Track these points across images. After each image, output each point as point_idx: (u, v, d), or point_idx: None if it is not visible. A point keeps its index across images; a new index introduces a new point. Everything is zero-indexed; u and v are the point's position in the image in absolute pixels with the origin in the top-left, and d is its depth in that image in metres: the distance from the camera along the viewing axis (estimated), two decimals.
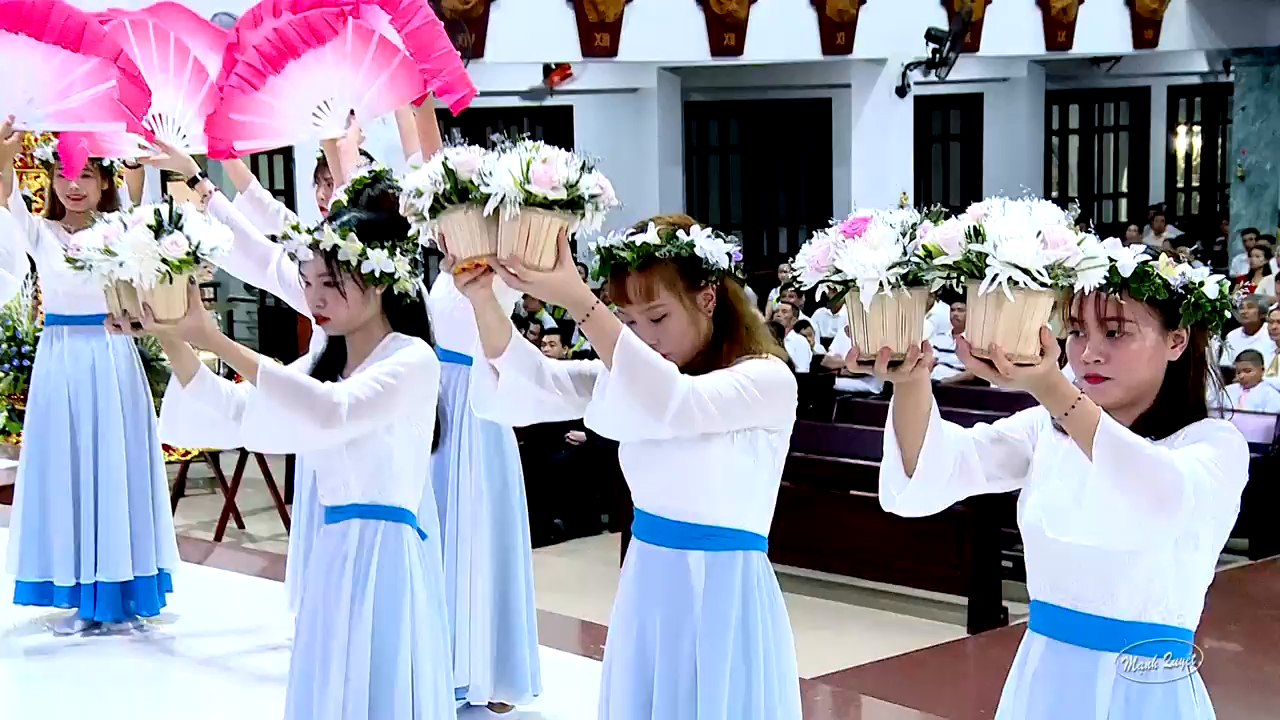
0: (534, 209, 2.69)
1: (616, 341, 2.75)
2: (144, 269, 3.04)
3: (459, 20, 12.86)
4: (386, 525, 3.35)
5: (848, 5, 15.47)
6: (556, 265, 2.73)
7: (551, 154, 2.73)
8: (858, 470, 9.59)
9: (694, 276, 2.95)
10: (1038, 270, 2.28)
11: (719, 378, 2.87)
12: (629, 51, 14.27)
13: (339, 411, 3.14)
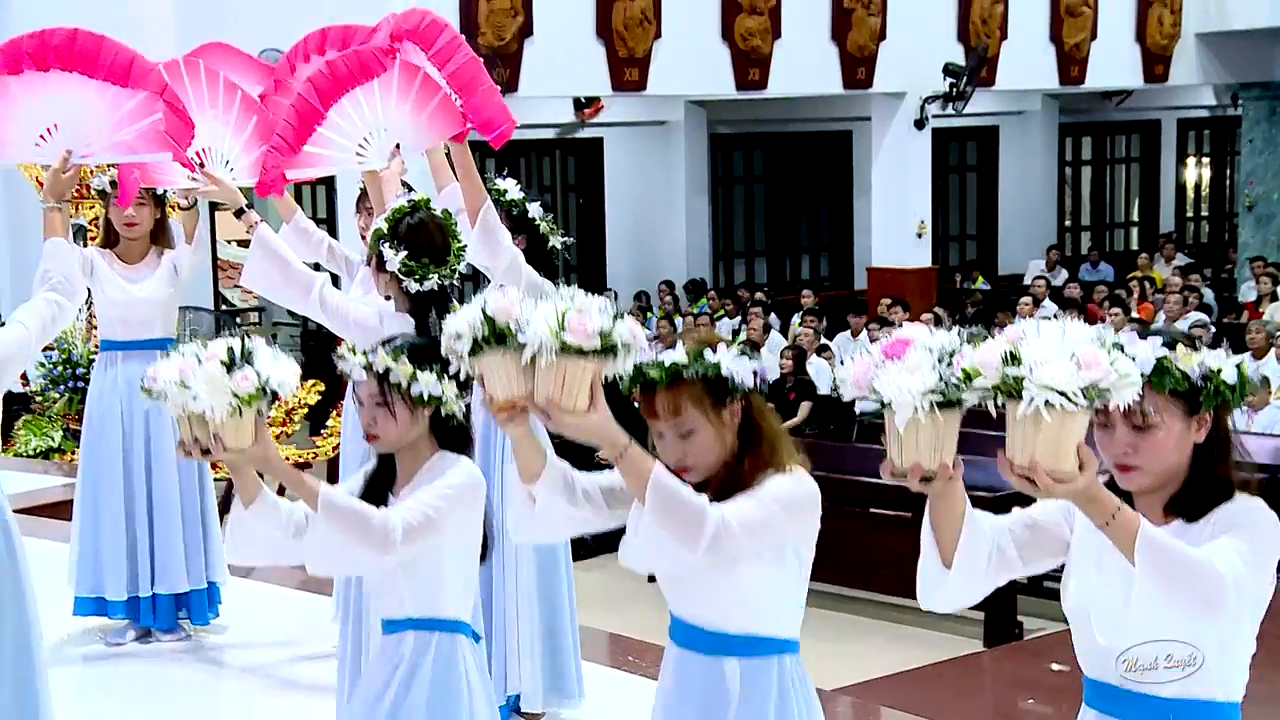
0: (569, 355, 2.73)
1: (649, 481, 2.79)
2: (216, 403, 3.08)
3: (494, 55, 12.92)
4: (441, 636, 3.38)
5: (868, 41, 15.48)
6: (591, 408, 2.77)
7: (585, 303, 2.76)
8: (876, 489, 9.57)
9: (720, 394, 2.95)
10: (1073, 392, 2.32)
11: (746, 503, 2.88)
12: (657, 86, 14.30)
13: (393, 538, 3.19)
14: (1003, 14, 16.57)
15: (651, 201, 18.33)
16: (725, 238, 19.55)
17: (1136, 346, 2.51)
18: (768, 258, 20.00)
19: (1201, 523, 2.56)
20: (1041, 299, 15.45)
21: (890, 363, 2.48)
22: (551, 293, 2.85)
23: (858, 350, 7.97)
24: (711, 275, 18.60)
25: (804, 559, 3.02)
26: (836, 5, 15.35)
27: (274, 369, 3.16)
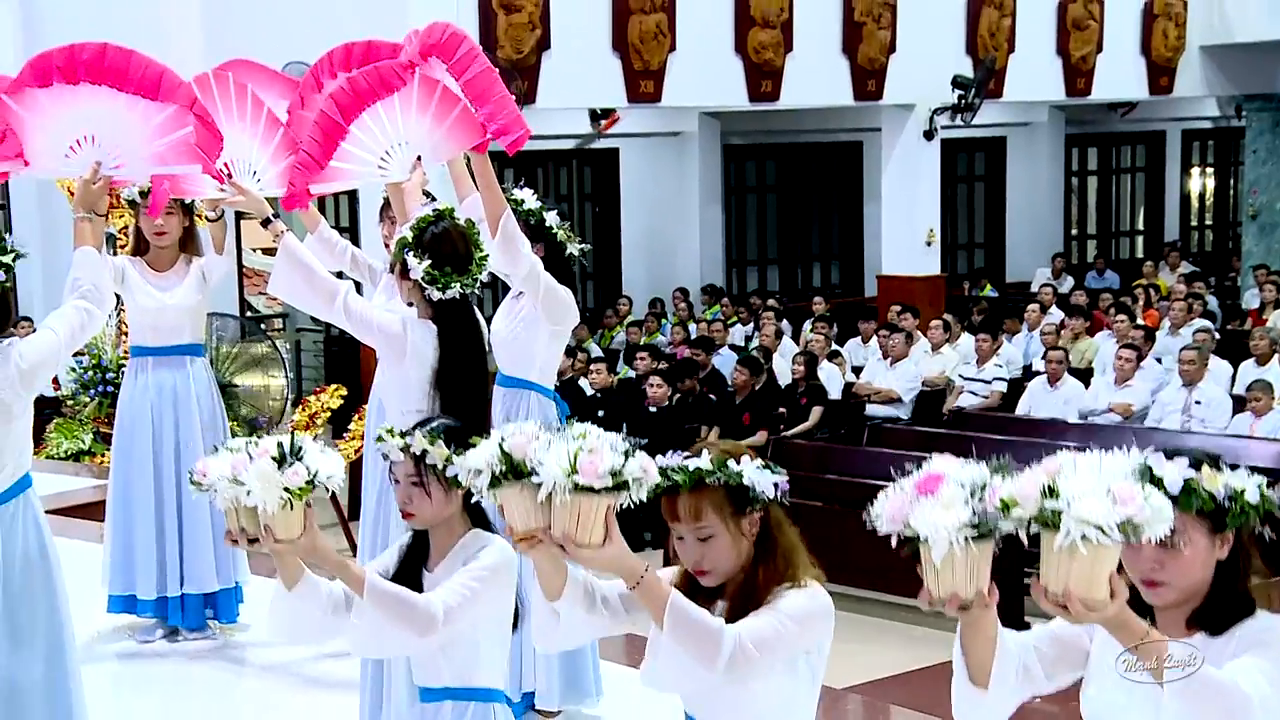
0: (582, 494, 2.78)
1: (666, 607, 2.82)
2: (268, 497, 3.12)
3: (513, 68, 12.95)
4: (476, 705, 3.41)
5: (878, 54, 15.48)
6: (606, 541, 2.82)
7: (597, 443, 2.81)
8: None
9: (741, 504, 2.97)
10: (1109, 527, 2.36)
11: (761, 621, 2.91)
12: (672, 97, 14.31)
13: (436, 622, 3.23)
14: (1010, 27, 16.56)
15: (666, 210, 18.34)
16: (738, 246, 19.55)
17: (1165, 468, 2.57)
18: (780, 265, 20.00)
19: (1225, 638, 2.62)
20: (1048, 306, 15.42)
21: (924, 499, 2.53)
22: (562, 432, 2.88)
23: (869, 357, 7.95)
24: (725, 282, 18.61)
25: (815, 668, 3.04)
26: (847, 19, 15.35)
27: (322, 462, 3.19)
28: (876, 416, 12.39)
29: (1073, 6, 17.06)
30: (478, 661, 3.39)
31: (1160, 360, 12.49)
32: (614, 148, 18.08)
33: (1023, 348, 14.19)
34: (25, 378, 4.12)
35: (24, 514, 4.22)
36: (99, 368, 10.10)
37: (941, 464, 2.55)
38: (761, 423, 11.52)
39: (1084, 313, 14.52)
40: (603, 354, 14.27)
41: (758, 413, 11.63)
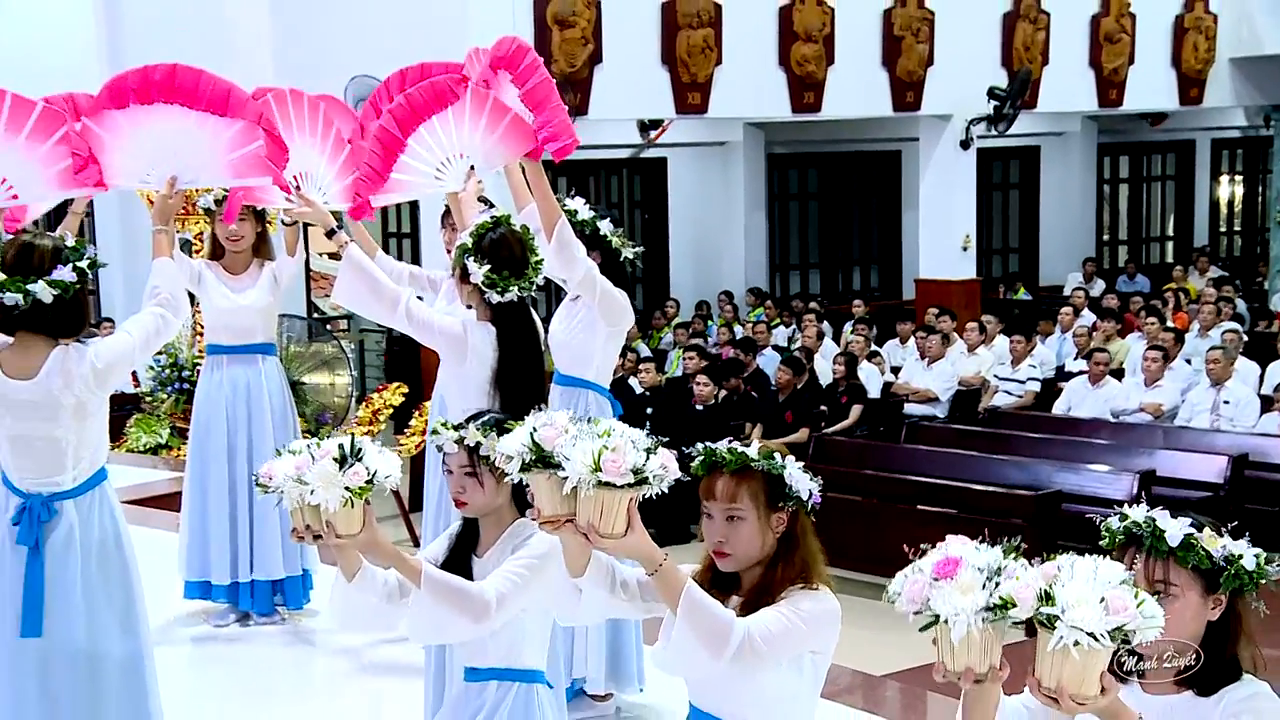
0: (605, 488, 2.82)
1: (681, 594, 2.85)
2: (330, 496, 3.16)
3: (566, 81, 12.97)
4: (520, 686, 3.43)
5: (916, 67, 15.42)
6: (628, 531, 2.85)
7: (620, 442, 2.85)
8: (924, 486, 9.54)
9: (775, 497, 3.00)
10: (1100, 634, 2.40)
11: (770, 616, 2.93)
12: (718, 109, 14.30)
13: (490, 609, 3.26)
14: (1044, 40, 16.45)
15: (712, 217, 18.33)
16: (781, 250, 19.51)
17: (1169, 524, 2.62)
18: (821, 269, 19.95)
19: (1214, 699, 2.66)
20: (1081, 309, 15.31)
21: (943, 582, 2.55)
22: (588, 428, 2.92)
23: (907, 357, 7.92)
24: (768, 285, 18.58)
25: (819, 668, 3.04)
26: (887, 33, 15.30)
27: (380, 462, 3.23)
28: (914, 415, 12.34)
29: (1105, 20, 16.93)
30: (523, 644, 3.41)
31: (1190, 361, 12.38)
32: (662, 157, 18.09)
33: (1055, 349, 14.11)
34: (100, 377, 4.18)
35: (100, 504, 4.28)
36: (175, 366, 10.20)
37: (958, 547, 2.58)
38: (803, 420, 11.50)
39: (1115, 315, 14.40)
40: (651, 354, 14.27)
41: (800, 411, 11.61)
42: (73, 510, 4.18)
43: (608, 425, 2.89)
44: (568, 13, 13.00)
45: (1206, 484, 9.59)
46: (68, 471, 4.17)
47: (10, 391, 4.10)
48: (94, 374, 4.14)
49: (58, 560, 4.13)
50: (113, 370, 4.21)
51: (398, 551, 3.30)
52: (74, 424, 4.15)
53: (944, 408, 12.61)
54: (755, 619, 2.91)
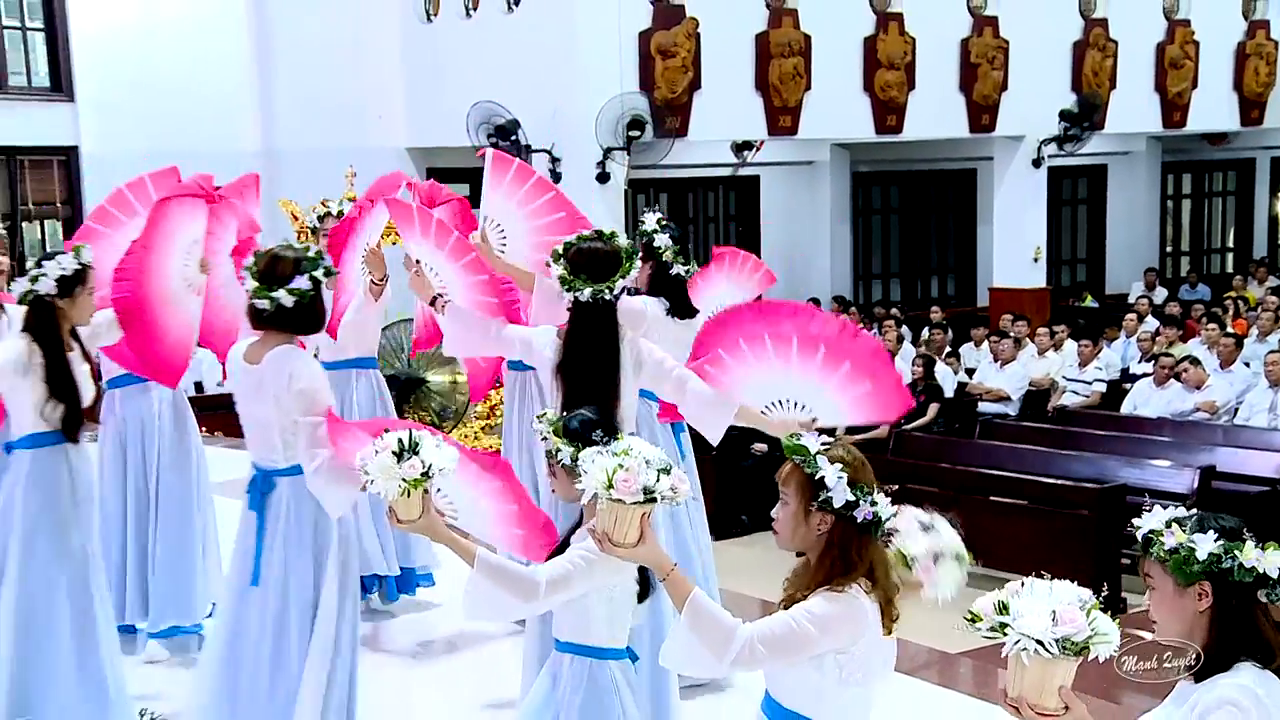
0: (618, 505, 2.90)
1: (686, 600, 2.89)
2: (388, 486, 3.22)
3: (668, 106, 12.97)
4: (593, 663, 3.41)
5: (991, 91, 15.22)
6: (640, 542, 2.92)
7: (634, 462, 2.91)
8: (996, 479, 9.40)
9: (811, 494, 2.94)
10: (1049, 642, 2.41)
11: (777, 622, 2.89)
12: (807, 131, 14.24)
13: (539, 590, 3.26)
14: (1112, 67, 16.16)
15: (802, 230, 18.24)
16: (865, 261, 19.37)
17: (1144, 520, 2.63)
18: (901, 278, 19.77)
19: (1200, 686, 2.57)
20: (1144, 315, 15.00)
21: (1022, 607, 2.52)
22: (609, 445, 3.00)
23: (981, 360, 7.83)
24: (852, 293, 18.43)
25: (844, 666, 2.92)
26: (964, 60, 15.13)
27: (436, 456, 3.26)
28: (987, 413, 12.18)
29: (1170, 48, 16.59)
30: (588, 625, 3.38)
31: (1249, 364, 12.11)
32: (755, 175, 18.04)
33: (1120, 352, 13.87)
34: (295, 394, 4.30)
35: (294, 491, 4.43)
36: None
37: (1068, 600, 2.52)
38: None
39: (1177, 322, 14.10)
40: None
41: None
42: (287, 486, 4.25)
43: (626, 444, 2.93)
44: (670, 43, 13.01)
45: (1263, 479, 9.36)
46: (279, 451, 4.24)
47: (243, 375, 4.26)
48: (289, 387, 4.15)
49: (274, 526, 4.25)
50: (306, 395, 4.16)
51: (453, 536, 3.33)
52: (276, 413, 4.20)
53: (1015, 406, 12.44)
54: (761, 624, 2.89)
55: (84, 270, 4.63)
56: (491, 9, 13.59)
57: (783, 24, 13.80)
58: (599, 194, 12.69)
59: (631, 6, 12.86)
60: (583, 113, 12.51)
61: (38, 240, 15.08)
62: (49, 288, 4.53)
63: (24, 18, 14.68)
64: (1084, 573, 8.74)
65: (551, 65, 12.79)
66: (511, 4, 13.48)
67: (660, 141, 13.03)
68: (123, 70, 14.62)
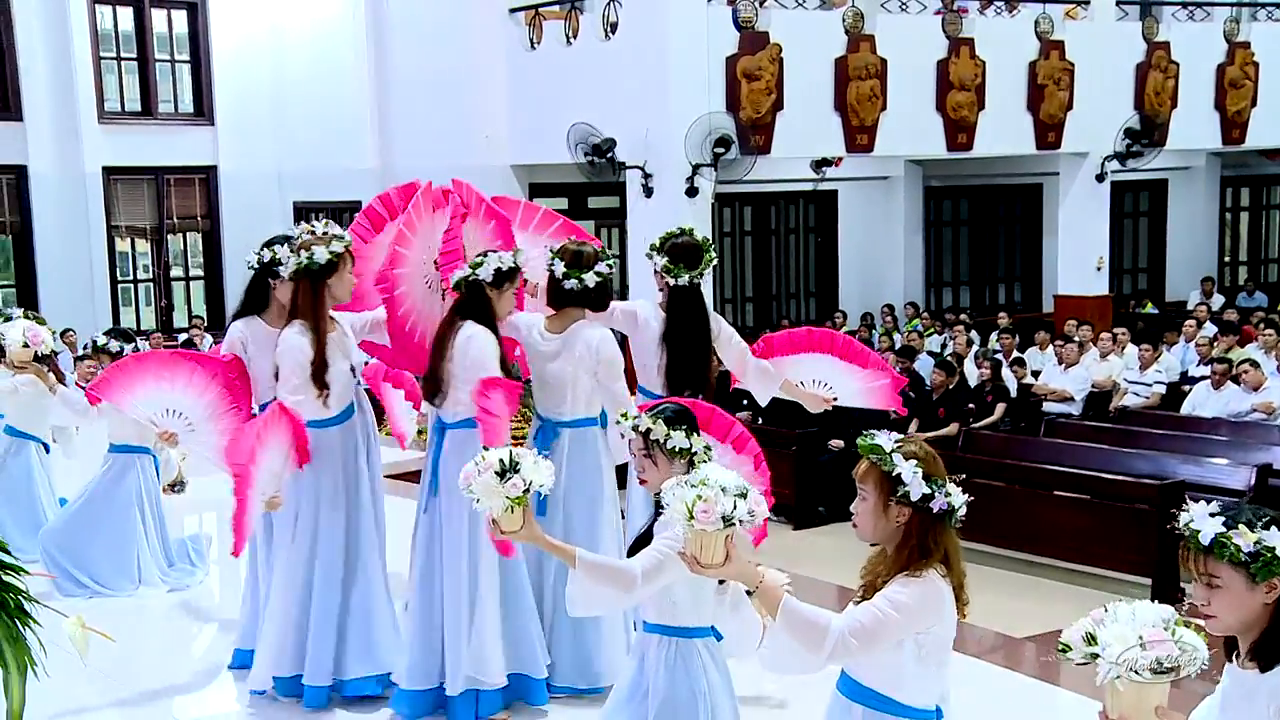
0: (700, 533, 2.90)
1: (779, 606, 2.88)
2: (492, 504, 3.26)
3: (752, 125, 12.93)
4: (680, 641, 3.39)
5: (1057, 110, 14.96)
6: (726, 561, 2.92)
7: (711, 493, 2.90)
8: (1060, 475, 9.23)
9: (889, 489, 2.93)
10: (1142, 668, 2.34)
11: (865, 611, 2.88)
12: (883, 148, 14.11)
13: (636, 581, 3.28)
14: (1174, 87, 15.79)
15: (877, 241, 18.08)
16: (936, 269, 19.15)
17: (1203, 524, 2.46)
18: (970, 286, 19.51)
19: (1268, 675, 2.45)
20: (1203, 321, 14.63)
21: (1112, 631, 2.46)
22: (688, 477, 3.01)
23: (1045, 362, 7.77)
24: (924, 300, 18.23)
25: (924, 646, 2.91)
26: (1032, 82, 14.89)
27: (536, 474, 3.28)
28: (1052, 412, 11.96)
29: (1230, 69, 16.17)
30: (674, 606, 3.38)
31: None
32: (834, 189, 17.91)
33: (1180, 356, 13.53)
34: (601, 361, 4.72)
35: (589, 440, 4.87)
36: None
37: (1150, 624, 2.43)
38: (954, 416, 11.23)
39: (1234, 328, 13.74)
40: None
41: (951, 408, 11.35)
42: (568, 435, 4.77)
43: (703, 475, 2.94)
44: (755, 67, 12.97)
45: None
46: (566, 405, 4.76)
47: (541, 342, 4.78)
48: (589, 352, 4.68)
49: (557, 469, 4.43)
50: (604, 364, 4.68)
51: (552, 541, 3.38)
52: (574, 372, 4.71)
53: (1078, 406, 12.21)
54: (848, 616, 2.88)
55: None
56: (590, 37, 13.64)
57: (860, 49, 13.69)
58: (688, 207, 12.68)
59: (719, 33, 12.84)
60: (673, 132, 12.52)
61: (181, 251, 15.45)
62: (486, 275, 4.59)
63: (173, 51, 15.08)
64: (1145, 562, 8.56)
65: (645, 88, 12.82)
66: (608, 32, 13.52)
67: (745, 158, 13.00)
68: (257, 97, 14.94)
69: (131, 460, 6.48)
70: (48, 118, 14.19)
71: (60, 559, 6.38)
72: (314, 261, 4.58)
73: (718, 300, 16.20)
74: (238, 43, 14.96)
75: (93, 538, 6.40)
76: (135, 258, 15.22)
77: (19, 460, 7.05)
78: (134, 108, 14.92)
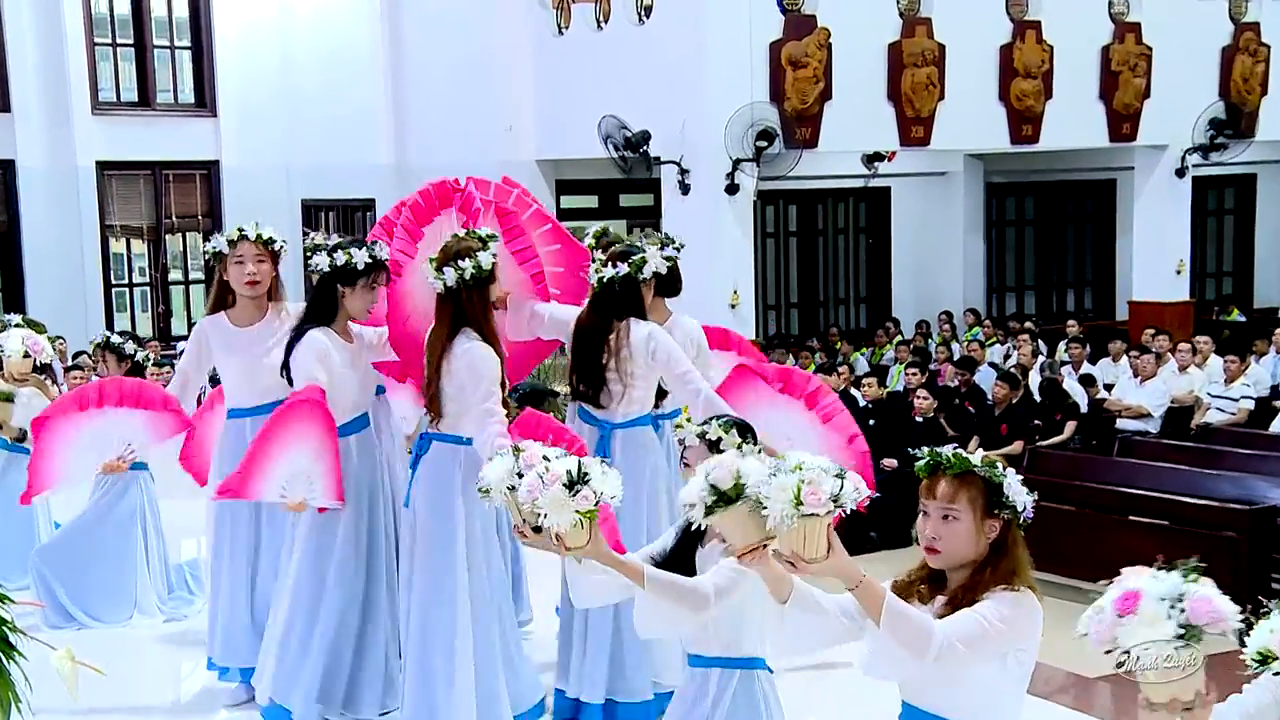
0: (807, 518, 2.81)
1: (883, 606, 2.84)
2: (561, 519, 3.18)
3: (798, 117, 12.92)
4: (741, 673, 3.42)
5: (1133, 99, 14.86)
6: (830, 553, 2.83)
7: (815, 474, 2.82)
8: (1135, 498, 9.14)
9: (992, 504, 2.97)
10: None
11: (969, 618, 2.89)
12: (940, 141, 14.06)
13: (708, 600, 3.28)
14: (1264, 72, 15.65)
15: (933, 242, 18.02)
16: (998, 273, 19.06)
17: None
18: (1036, 291, 19.42)
19: None
20: None
21: (1127, 619, 2.45)
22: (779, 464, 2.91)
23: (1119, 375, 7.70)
24: (985, 306, 18.14)
25: (1024, 665, 2.97)
26: (1105, 68, 14.80)
27: (606, 485, 3.22)
28: (1126, 430, 11.86)
29: None
30: (742, 633, 3.39)
31: None
32: (886, 186, 17.87)
33: (1270, 369, 13.38)
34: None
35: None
36: None
37: (1135, 579, 2.45)
38: (1018, 433, 11.15)
39: None
40: (871, 369, 14.10)
41: (1015, 424, 11.27)
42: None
43: (797, 458, 2.87)
44: (801, 54, 12.95)
45: None
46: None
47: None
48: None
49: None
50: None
51: (618, 557, 3.32)
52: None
53: (1156, 424, 12.09)
54: (954, 622, 2.87)
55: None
56: (623, 21, 13.68)
57: (916, 33, 13.66)
58: (728, 205, 12.68)
59: (762, 17, 12.83)
60: (712, 124, 12.52)
61: (180, 252, 15.59)
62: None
63: (173, 36, 15.22)
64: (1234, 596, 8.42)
65: (681, 76, 12.83)
66: (642, 16, 13.55)
67: (790, 153, 12.98)
68: (263, 86, 15.06)
69: (134, 476, 6.53)
70: (37, 108, 14.38)
71: (52, 582, 6.43)
72: (483, 269, 4.63)
73: (759, 307, 16.18)
74: (242, 27, 15.09)
75: (90, 557, 6.46)
76: (130, 259, 15.38)
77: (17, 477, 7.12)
78: (130, 97, 15.09)
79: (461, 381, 4.46)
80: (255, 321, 5.29)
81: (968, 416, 11.87)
